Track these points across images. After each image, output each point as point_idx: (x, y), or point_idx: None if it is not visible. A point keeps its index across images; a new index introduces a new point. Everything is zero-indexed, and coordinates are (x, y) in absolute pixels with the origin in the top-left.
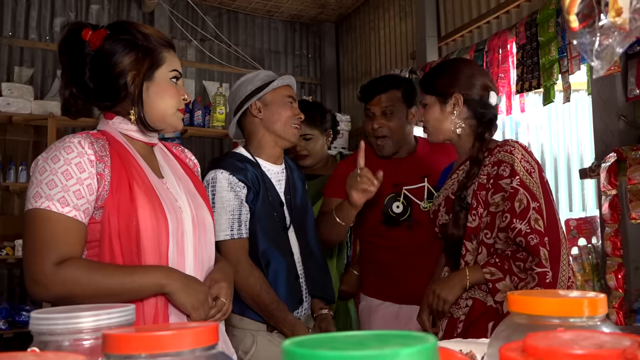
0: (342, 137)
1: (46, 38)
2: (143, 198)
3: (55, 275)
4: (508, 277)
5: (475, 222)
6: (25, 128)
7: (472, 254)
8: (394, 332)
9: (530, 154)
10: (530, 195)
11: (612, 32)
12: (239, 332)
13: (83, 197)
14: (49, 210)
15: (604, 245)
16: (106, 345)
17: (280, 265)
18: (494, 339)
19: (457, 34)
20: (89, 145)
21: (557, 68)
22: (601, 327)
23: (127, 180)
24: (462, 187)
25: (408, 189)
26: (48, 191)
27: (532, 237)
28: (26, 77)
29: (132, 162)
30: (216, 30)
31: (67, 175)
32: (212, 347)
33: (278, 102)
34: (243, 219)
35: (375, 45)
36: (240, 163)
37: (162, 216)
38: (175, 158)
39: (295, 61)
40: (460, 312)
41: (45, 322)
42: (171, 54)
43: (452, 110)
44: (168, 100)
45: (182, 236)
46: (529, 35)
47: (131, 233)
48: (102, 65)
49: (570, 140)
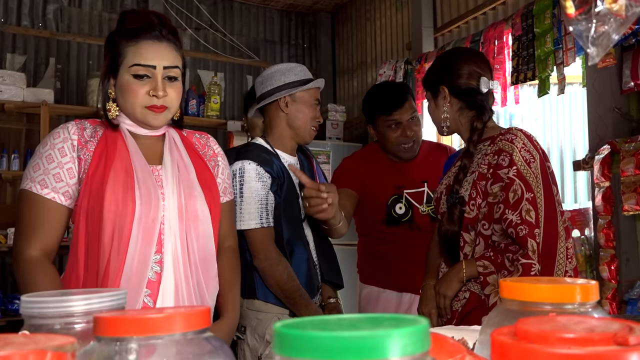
0: (336, 128)
1: (39, 25)
2: (115, 181)
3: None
4: (499, 272)
5: (474, 212)
6: (18, 116)
7: (470, 245)
8: (386, 314)
9: (534, 142)
10: (525, 185)
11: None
12: (263, 316)
13: (62, 180)
14: (30, 191)
15: (596, 237)
16: (97, 328)
17: (302, 254)
18: (485, 325)
19: (453, 24)
20: (75, 130)
21: (552, 60)
22: (592, 313)
23: (104, 165)
24: (455, 180)
25: (409, 193)
26: (32, 174)
27: (522, 228)
28: (19, 64)
29: (118, 147)
30: (211, 19)
31: (49, 159)
32: (204, 330)
33: (306, 102)
34: (270, 208)
35: (371, 35)
36: (266, 155)
37: (130, 201)
38: (187, 147)
39: (290, 51)
40: (459, 304)
41: (36, 306)
42: (138, 46)
43: (443, 103)
44: (129, 98)
45: (153, 223)
46: (525, 26)
47: (95, 213)
48: None
49: (564, 132)
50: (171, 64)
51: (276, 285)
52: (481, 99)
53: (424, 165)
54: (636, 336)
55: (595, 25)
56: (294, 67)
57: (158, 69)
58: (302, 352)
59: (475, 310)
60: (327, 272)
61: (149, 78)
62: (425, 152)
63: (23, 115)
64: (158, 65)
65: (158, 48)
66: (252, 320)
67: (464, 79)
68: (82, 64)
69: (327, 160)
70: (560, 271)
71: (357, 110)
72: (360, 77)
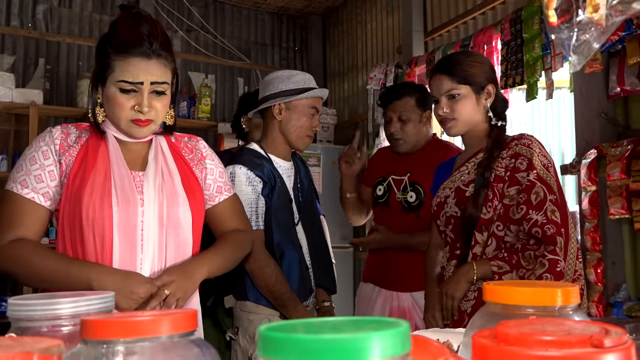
0: (327, 131)
1: (28, 25)
2: (93, 187)
3: (4, 251)
4: (515, 271)
5: (489, 214)
6: (6, 116)
7: (481, 245)
8: (369, 317)
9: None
10: (547, 188)
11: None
12: (254, 317)
13: (43, 181)
14: (11, 191)
15: (583, 240)
16: (84, 331)
17: (293, 257)
18: (469, 328)
19: (443, 29)
20: (58, 135)
21: (540, 65)
22: (573, 316)
23: (85, 170)
24: (486, 167)
25: (394, 179)
26: (15, 174)
27: (549, 227)
28: (7, 65)
29: (100, 153)
30: (202, 21)
31: (32, 161)
32: (190, 333)
33: (301, 110)
34: (260, 211)
35: (362, 39)
36: (257, 159)
37: (107, 206)
38: (174, 152)
39: (281, 54)
40: (467, 304)
41: (23, 308)
42: (127, 62)
43: (485, 102)
44: (115, 110)
45: (134, 229)
46: (514, 31)
47: (75, 221)
48: None
49: (552, 137)
50: (159, 80)
51: (265, 287)
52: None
53: (417, 158)
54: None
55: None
56: (295, 75)
57: (145, 84)
58: (285, 354)
59: None
60: (320, 276)
61: (135, 92)
62: (431, 149)
63: (12, 116)
64: (145, 82)
65: (146, 65)
66: (244, 322)
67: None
68: (72, 64)
69: (317, 163)
70: (570, 270)
71: (348, 113)
72: (351, 80)
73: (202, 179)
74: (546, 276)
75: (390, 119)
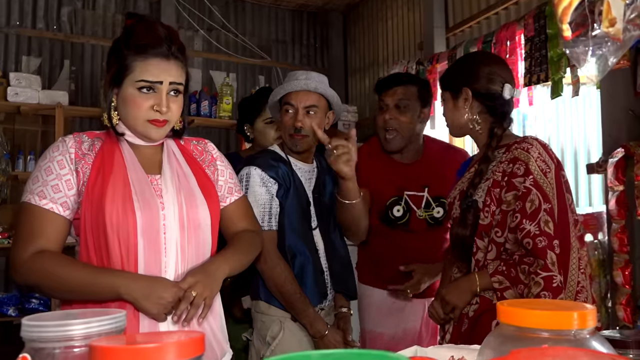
0: (348, 128)
1: (53, 27)
2: (114, 193)
3: (26, 264)
4: (514, 287)
5: (487, 219)
6: (33, 118)
7: (482, 251)
8: (370, 351)
9: (550, 152)
10: (542, 196)
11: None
12: (267, 319)
13: (61, 191)
14: (29, 202)
15: (610, 242)
16: (92, 357)
17: (306, 260)
18: (483, 347)
19: (465, 24)
20: (72, 144)
21: (565, 61)
22: (590, 340)
23: (103, 177)
24: (471, 185)
25: (409, 195)
26: (32, 186)
27: (540, 240)
28: (34, 67)
29: (116, 159)
30: (223, 20)
31: (48, 172)
32: (197, 358)
33: (278, 112)
34: (273, 212)
35: (383, 35)
36: (274, 161)
37: (130, 212)
38: (185, 155)
39: (302, 51)
40: (470, 308)
41: (36, 329)
42: (146, 62)
43: (464, 105)
44: (131, 111)
45: (158, 233)
46: (538, 27)
47: (100, 228)
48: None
49: (577, 134)
50: (177, 81)
51: (274, 287)
52: (503, 104)
53: (429, 168)
54: None
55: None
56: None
57: (164, 84)
58: None
59: (486, 315)
60: (337, 281)
61: (154, 92)
62: (434, 153)
63: (39, 117)
64: (165, 81)
65: (166, 65)
66: (257, 323)
67: (488, 83)
68: (96, 65)
69: None
70: (572, 282)
71: (369, 110)
72: (372, 76)
73: (215, 180)
74: (544, 294)
75: (386, 106)
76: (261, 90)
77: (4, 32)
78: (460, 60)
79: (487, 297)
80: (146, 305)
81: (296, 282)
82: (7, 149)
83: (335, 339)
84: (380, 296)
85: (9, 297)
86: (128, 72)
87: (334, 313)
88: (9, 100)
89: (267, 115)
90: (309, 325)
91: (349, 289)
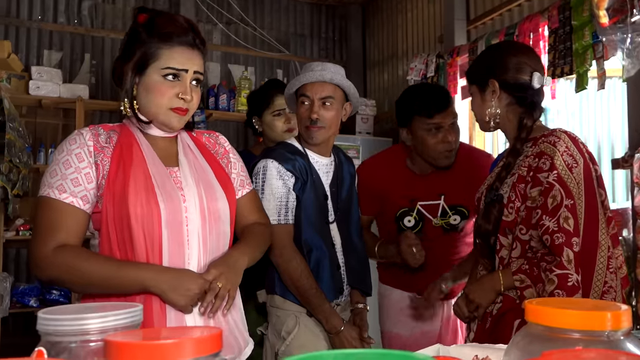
0: (366, 123)
1: (74, 21)
2: (136, 186)
3: (50, 259)
4: (534, 286)
5: (512, 216)
6: (54, 111)
7: (507, 249)
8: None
9: (579, 145)
10: (565, 191)
11: None
12: (282, 313)
13: (80, 184)
14: (49, 197)
15: (635, 239)
16: (108, 353)
17: (322, 255)
18: (510, 347)
19: (487, 17)
20: (90, 136)
21: (590, 53)
22: (624, 342)
23: (123, 171)
24: (497, 178)
25: (423, 205)
26: (50, 180)
27: (558, 236)
28: (55, 61)
29: (134, 151)
30: (242, 14)
31: (66, 165)
32: (215, 355)
33: (295, 104)
34: (290, 206)
35: (403, 27)
36: (290, 154)
37: (154, 204)
38: (200, 147)
39: (320, 44)
40: (493, 307)
41: (52, 323)
42: (172, 50)
43: (492, 98)
44: (154, 98)
45: (181, 225)
46: (562, 19)
47: (123, 221)
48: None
49: (601, 128)
50: (200, 70)
51: (290, 281)
52: (532, 94)
53: (446, 176)
54: None
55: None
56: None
57: (189, 73)
58: None
59: (508, 314)
60: (352, 277)
61: (178, 80)
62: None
63: (60, 110)
64: (190, 70)
65: (191, 54)
66: (273, 317)
67: (515, 73)
68: None
69: (357, 155)
70: (599, 282)
71: (388, 104)
72: (391, 70)
73: (229, 172)
74: (557, 292)
75: (441, 128)
76: (269, 82)
77: (26, 26)
78: (486, 52)
79: (510, 296)
80: (174, 297)
81: (312, 276)
82: (29, 142)
83: (351, 335)
84: (399, 297)
85: (30, 288)
86: (153, 60)
87: (350, 309)
88: (31, 93)
89: (275, 108)
90: (325, 320)
91: (366, 285)
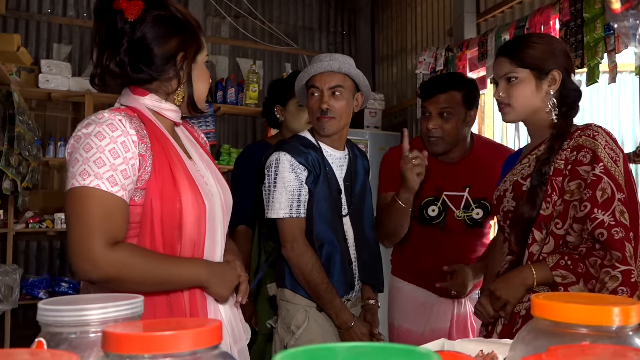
0: (375, 117)
1: (84, 15)
2: (184, 182)
3: (107, 256)
4: (582, 281)
5: (549, 210)
6: (64, 104)
7: (539, 244)
8: (397, 345)
9: (615, 141)
10: (615, 185)
11: None
12: (292, 307)
13: (129, 177)
14: (99, 189)
15: None
16: (106, 344)
17: (334, 250)
18: (516, 342)
19: (497, 10)
20: (130, 125)
21: (602, 47)
22: (633, 338)
23: (167, 164)
24: (545, 161)
25: (448, 195)
26: (97, 169)
27: (617, 231)
28: (65, 54)
29: (169, 145)
30: (250, 7)
31: (114, 154)
32: (214, 347)
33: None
34: (302, 199)
35: (412, 21)
36: (304, 147)
37: (201, 201)
38: (194, 138)
39: (329, 38)
40: (522, 306)
41: (52, 314)
42: (203, 39)
43: (549, 89)
44: (203, 84)
45: (214, 221)
46: (574, 11)
47: (174, 218)
48: (146, 41)
49: (611, 123)
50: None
51: (301, 276)
52: (578, 91)
53: (473, 169)
54: None
55: None
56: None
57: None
58: None
59: None
60: (364, 273)
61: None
62: (482, 154)
63: (69, 104)
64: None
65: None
66: (283, 311)
67: (570, 69)
68: None
69: (365, 149)
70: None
71: (397, 99)
72: (400, 64)
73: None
74: (622, 290)
75: (429, 114)
76: (296, 73)
77: (35, 20)
78: (543, 40)
79: None
80: (221, 289)
81: (323, 271)
82: (38, 135)
83: (361, 331)
84: (411, 291)
85: (39, 281)
86: (203, 48)
87: (361, 305)
88: (40, 87)
89: None
90: (335, 316)
91: (378, 281)
